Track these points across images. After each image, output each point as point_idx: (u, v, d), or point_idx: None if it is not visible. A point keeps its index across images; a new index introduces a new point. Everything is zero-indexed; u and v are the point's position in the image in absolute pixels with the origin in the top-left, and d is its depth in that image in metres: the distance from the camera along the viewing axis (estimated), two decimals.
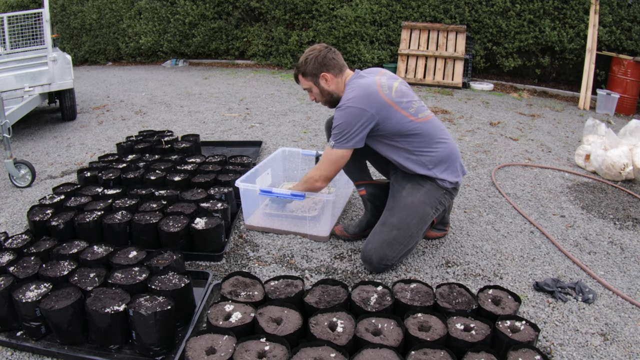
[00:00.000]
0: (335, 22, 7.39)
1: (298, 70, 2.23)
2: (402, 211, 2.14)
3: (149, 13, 8.39)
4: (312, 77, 2.19)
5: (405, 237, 2.13)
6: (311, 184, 2.26)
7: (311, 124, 4.59)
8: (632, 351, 1.74)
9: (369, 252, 2.13)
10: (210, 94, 6.03)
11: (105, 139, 4.21)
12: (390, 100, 2.08)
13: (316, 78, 2.19)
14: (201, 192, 2.69)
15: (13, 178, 3.18)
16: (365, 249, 2.15)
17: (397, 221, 2.13)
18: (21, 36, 4.61)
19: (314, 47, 2.21)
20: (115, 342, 1.66)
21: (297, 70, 2.24)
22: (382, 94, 2.08)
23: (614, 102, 5.79)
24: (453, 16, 6.84)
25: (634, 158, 3.39)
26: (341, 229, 2.49)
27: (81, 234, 2.27)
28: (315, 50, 2.18)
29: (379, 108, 2.06)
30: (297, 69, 2.24)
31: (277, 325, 1.63)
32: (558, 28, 6.44)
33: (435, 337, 1.57)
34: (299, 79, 2.26)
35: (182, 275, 1.86)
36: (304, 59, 2.20)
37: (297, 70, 2.24)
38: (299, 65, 2.22)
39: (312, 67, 2.17)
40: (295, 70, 2.25)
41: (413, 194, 2.16)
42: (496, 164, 3.69)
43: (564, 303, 2.00)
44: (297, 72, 2.25)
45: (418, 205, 2.15)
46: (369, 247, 2.14)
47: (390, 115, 2.08)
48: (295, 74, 2.27)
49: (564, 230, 2.68)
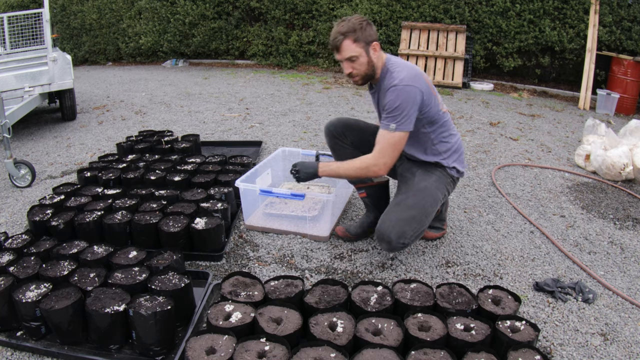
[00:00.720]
0: (336, 22, 7.38)
1: (347, 34, 1.98)
2: (417, 194, 2.13)
3: (149, 13, 8.39)
4: (365, 44, 2.01)
5: (421, 216, 2.10)
6: (372, 171, 2.08)
7: (311, 124, 4.59)
8: (632, 351, 1.74)
9: (386, 229, 2.03)
10: (210, 94, 6.03)
11: (105, 139, 4.21)
12: (430, 85, 2.10)
13: (368, 46, 2.02)
14: (201, 192, 2.69)
15: (13, 178, 3.18)
16: (382, 227, 2.05)
17: (412, 202, 2.11)
18: (21, 36, 4.61)
19: (355, 16, 2.04)
20: (115, 342, 1.67)
21: (346, 35, 1.98)
22: (425, 77, 2.08)
23: (614, 102, 5.79)
24: (453, 16, 6.84)
25: (634, 158, 3.39)
26: (343, 230, 2.46)
27: (81, 234, 2.27)
28: (363, 18, 2.02)
29: (426, 91, 2.05)
30: (347, 33, 1.98)
31: (277, 325, 1.63)
32: (558, 28, 6.44)
33: (435, 337, 1.57)
34: (346, 45, 2.00)
35: (182, 275, 1.86)
36: (358, 23, 1.99)
37: (345, 35, 1.99)
38: (349, 29, 1.98)
39: (367, 34, 2.00)
40: (341, 35, 1.99)
41: (425, 179, 2.18)
42: (496, 164, 3.69)
43: (564, 303, 2.00)
44: (343, 37, 1.99)
45: (431, 189, 2.16)
46: (386, 225, 2.04)
47: (431, 101, 2.08)
48: (340, 40, 2.00)
49: (564, 230, 2.68)
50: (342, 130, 2.40)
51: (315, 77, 7.12)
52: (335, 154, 2.47)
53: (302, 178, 2.19)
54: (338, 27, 2.02)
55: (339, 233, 2.47)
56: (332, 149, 2.48)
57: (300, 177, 2.19)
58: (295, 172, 2.21)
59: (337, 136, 2.41)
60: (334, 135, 2.42)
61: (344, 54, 2.04)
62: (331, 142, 2.45)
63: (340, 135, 2.41)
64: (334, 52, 2.09)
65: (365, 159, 2.09)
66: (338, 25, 2.04)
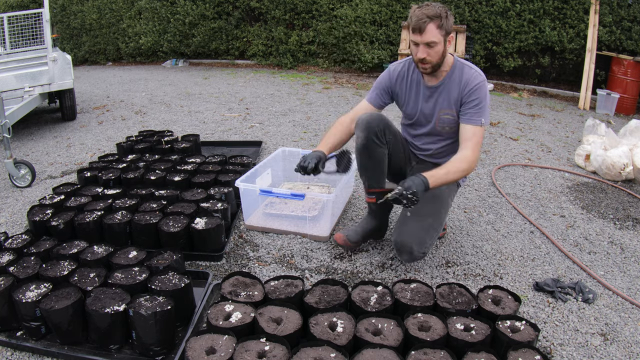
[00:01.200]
0: (335, 22, 7.39)
1: (434, 19, 1.94)
2: (432, 202, 2.12)
3: (149, 13, 8.39)
4: (445, 33, 1.99)
5: (438, 224, 2.13)
6: (471, 170, 2.04)
7: (311, 124, 4.59)
8: (632, 351, 1.74)
9: (407, 240, 2.03)
10: (210, 94, 6.03)
11: (105, 139, 4.21)
12: None
13: (447, 36, 2.01)
14: (201, 192, 2.69)
15: (13, 178, 3.18)
16: (402, 239, 2.04)
17: (429, 211, 2.11)
18: (21, 36, 4.61)
19: (437, 3, 2.01)
20: (115, 342, 1.66)
21: (433, 19, 1.94)
22: None
23: (614, 102, 5.79)
24: (453, 16, 6.84)
25: (634, 158, 3.39)
26: (343, 238, 2.31)
27: (81, 234, 2.27)
28: (445, 7, 2.00)
29: None
30: (433, 17, 1.94)
31: (277, 325, 1.63)
32: (558, 28, 6.44)
33: (435, 337, 1.57)
34: (430, 28, 1.94)
35: (182, 275, 1.86)
36: (444, 11, 1.97)
37: (431, 19, 1.94)
38: (436, 14, 1.94)
39: (450, 24, 1.99)
40: (427, 18, 1.93)
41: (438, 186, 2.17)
42: (496, 164, 3.69)
43: (564, 303, 2.00)
44: (430, 21, 1.93)
45: (443, 196, 2.18)
46: (406, 236, 2.03)
47: None
48: (426, 22, 1.94)
49: (564, 230, 2.68)
50: (383, 128, 2.14)
51: (315, 77, 7.12)
52: (366, 152, 2.14)
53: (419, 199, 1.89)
54: (423, 9, 1.96)
55: (339, 241, 2.33)
56: (365, 148, 2.12)
57: (418, 199, 1.88)
58: (412, 195, 1.86)
59: (378, 133, 2.12)
60: (375, 131, 2.10)
61: (425, 37, 1.97)
62: (367, 139, 2.11)
63: (381, 133, 2.13)
64: (411, 33, 2.01)
65: (465, 158, 2.01)
66: (422, 7, 1.97)
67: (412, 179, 1.91)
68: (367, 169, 2.18)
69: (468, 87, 2.06)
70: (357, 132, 2.15)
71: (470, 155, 2.02)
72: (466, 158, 2.01)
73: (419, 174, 1.93)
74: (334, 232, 2.30)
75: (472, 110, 2.05)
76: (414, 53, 2.06)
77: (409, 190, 1.86)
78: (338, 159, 2.18)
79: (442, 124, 2.18)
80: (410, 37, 2.04)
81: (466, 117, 2.08)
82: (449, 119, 2.15)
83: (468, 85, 2.07)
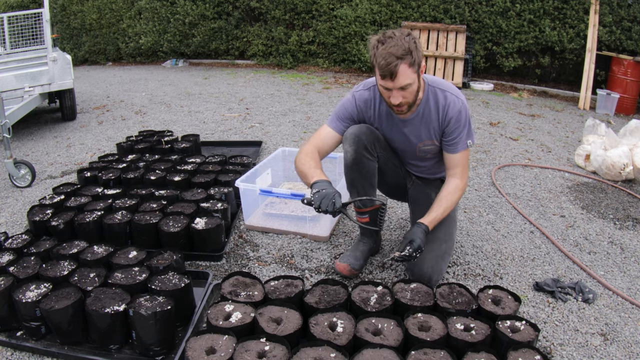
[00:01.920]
0: (335, 22, 7.38)
1: (404, 58, 1.68)
2: (444, 224, 2.04)
3: (149, 13, 8.39)
4: (417, 67, 1.75)
5: (451, 245, 2.11)
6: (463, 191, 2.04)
7: (311, 124, 4.59)
8: (632, 351, 1.74)
9: (425, 272, 1.96)
10: (210, 94, 6.03)
11: (105, 139, 4.21)
12: None
13: (419, 70, 1.77)
14: (201, 192, 2.69)
15: (13, 178, 3.18)
16: (423, 271, 1.96)
17: (442, 235, 2.04)
18: (21, 36, 4.61)
19: (399, 30, 1.75)
20: (115, 342, 1.66)
21: (403, 59, 1.68)
22: None
23: (614, 102, 5.79)
24: (453, 16, 6.84)
25: (634, 158, 3.39)
26: (349, 268, 2.11)
27: (81, 234, 2.27)
28: (410, 34, 1.75)
29: None
30: (403, 57, 1.68)
31: (277, 325, 1.63)
32: (558, 28, 6.43)
33: (435, 337, 1.57)
34: (402, 71, 1.70)
35: (182, 275, 1.86)
36: (413, 42, 1.70)
37: (402, 59, 1.68)
38: (405, 51, 1.68)
39: (420, 54, 1.74)
40: (397, 59, 1.68)
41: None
42: (496, 164, 3.69)
43: (564, 303, 2.00)
44: (400, 62, 1.68)
45: (453, 215, 2.14)
46: (425, 267, 1.96)
47: None
48: (397, 65, 1.68)
49: (564, 230, 2.68)
50: (373, 140, 2.00)
51: (315, 77, 7.12)
52: (356, 168, 2.02)
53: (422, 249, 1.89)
54: (388, 47, 1.69)
55: (345, 272, 2.11)
56: (355, 163, 2.00)
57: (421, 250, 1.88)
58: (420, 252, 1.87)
59: (368, 146, 1.98)
60: (364, 145, 1.97)
61: (398, 82, 1.73)
62: (357, 153, 1.98)
63: (371, 146, 1.99)
64: (380, 78, 1.77)
65: (457, 188, 1.98)
66: (386, 44, 1.70)
67: (417, 234, 1.87)
68: (358, 185, 2.06)
69: (448, 116, 1.92)
70: (345, 147, 2.02)
71: (460, 182, 2.00)
72: (457, 187, 2.00)
73: (419, 224, 1.91)
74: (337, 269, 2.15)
75: (457, 139, 1.94)
76: (385, 97, 1.84)
77: (419, 250, 1.85)
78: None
79: (424, 153, 2.08)
80: (380, 82, 1.79)
81: (452, 147, 1.97)
82: (431, 148, 2.05)
83: (448, 114, 1.92)
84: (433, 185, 2.22)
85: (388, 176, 2.16)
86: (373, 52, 1.75)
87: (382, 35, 1.75)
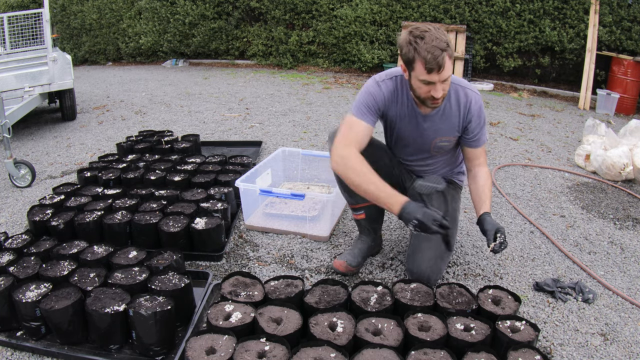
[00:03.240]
0: (335, 22, 7.39)
1: (447, 50, 1.68)
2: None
3: (149, 13, 8.39)
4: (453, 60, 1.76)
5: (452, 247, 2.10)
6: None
7: (311, 124, 4.59)
8: (632, 351, 1.74)
9: (425, 271, 1.97)
10: (210, 94, 6.03)
11: (105, 139, 4.21)
12: None
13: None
14: (201, 192, 2.69)
15: (13, 178, 3.18)
16: (420, 270, 1.97)
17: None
18: (21, 36, 4.61)
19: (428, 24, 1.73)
20: (115, 342, 1.66)
21: (447, 50, 1.68)
22: None
23: (614, 102, 5.79)
24: (453, 16, 6.84)
25: (634, 158, 3.39)
26: (345, 265, 2.14)
27: (81, 234, 2.27)
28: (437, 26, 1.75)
29: None
30: (447, 49, 1.67)
31: (277, 325, 1.63)
32: (558, 28, 6.44)
33: (435, 337, 1.57)
34: (447, 63, 1.69)
35: (182, 275, 1.86)
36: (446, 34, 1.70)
37: (445, 51, 1.67)
38: (446, 43, 1.67)
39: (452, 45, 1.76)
40: (443, 52, 1.67)
41: (445, 202, 2.13)
42: (496, 164, 3.69)
43: (564, 303, 2.00)
44: (444, 54, 1.67)
45: (454, 213, 2.15)
46: (424, 267, 1.97)
47: None
48: (443, 58, 1.67)
49: (564, 230, 2.68)
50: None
51: (315, 77, 7.12)
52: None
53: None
54: (433, 41, 1.66)
55: (341, 269, 2.14)
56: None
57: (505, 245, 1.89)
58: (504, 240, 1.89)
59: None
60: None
61: (444, 74, 1.71)
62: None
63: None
64: (425, 72, 1.71)
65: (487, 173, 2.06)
66: (429, 39, 1.67)
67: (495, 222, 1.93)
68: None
69: (470, 113, 1.94)
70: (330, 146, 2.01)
71: (487, 169, 2.09)
72: (488, 173, 2.07)
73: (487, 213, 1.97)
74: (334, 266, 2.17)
75: (480, 134, 2.00)
76: (423, 92, 1.78)
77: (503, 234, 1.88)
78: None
79: (438, 150, 2.08)
80: (424, 76, 1.72)
81: (475, 142, 2.02)
82: (446, 145, 2.05)
83: (470, 111, 1.94)
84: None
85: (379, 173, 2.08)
86: (411, 47, 1.69)
87: (416, 30, 1.71)
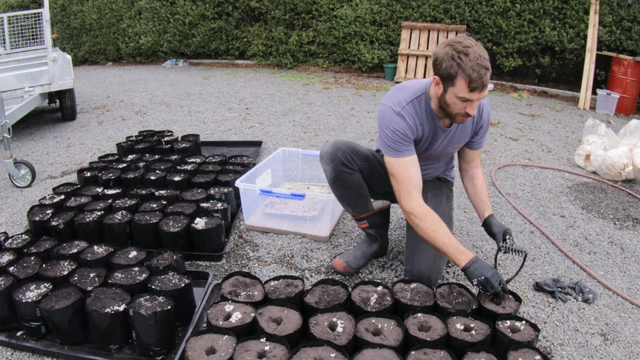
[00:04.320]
0: (335, 22, 7.39)
1: (490, 69, 1.66)
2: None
3: (149, 13, 8.39)
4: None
5: None
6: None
7: (311, 124, 4.59)
8: (632, 351, 1.74)
9: (424, 272, 1.97)
10: (210, 94, 6.03)
11: (105, 139, 4.21)
12: None
13: None
14: (201, 192, 2.69)
15: (13, 178, 3.18)
16: (419, 270, 1.98)
17: None
18: (21, 36, 4.61)
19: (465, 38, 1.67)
20: (115, 342, 1.66)
21: (489, 70, 1.65)
22: None
23: (614, 102, 5.79)
24: (453, 16, 6.84)
25: (634, 158, 3.39)
26: (344, 265, 2.15)
27: (81, 234, 2.27)
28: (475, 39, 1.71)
29: None
30: (489, 68, 1.65)
31: (277, 325, 1.63)
32: (558, 28, 6.44)
33: (435, 337, 1.57)
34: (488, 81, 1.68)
35: (182, 275, 1.86)
36: (487, 54, 1.65)
37: (489, 70, 1.65)
38: (489, 61, 1.64)
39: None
40: (487, 70, 1.64)
41: (440, 202, 2.13)
42: (496, 164, 3.69)
43: (564, 303, 2.00)
44: (488, 72, 1.65)
45: (448, 211, 2.16)
46: (424, 267, 1.97)
47: None
48: (487, 76, 1.64)
49: (564, 230, 2.68)
50: (350, 154, 2.00)
51: (315, 77, 7.12)
52: (340, 184, 2.04)
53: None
54: (477, 59, 1.61)
55: (339, 268, 2.16)
56: (337, 180, 2.03)
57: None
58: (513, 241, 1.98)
59: (345, 162, 1.99)
60: (341, 161, 1.98)
61: (485, 92, 1.68)
62: (335, 171, 2.01)
63: (348, 160, 1.99)
64: (468, 91, 1.65)
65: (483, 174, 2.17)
66: (473, 56, 1.61)
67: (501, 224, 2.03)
68: (347, 198, 2.09)
69: (482, 119, 1.99)
70: (323, 166, 2.04)
71: (482, 170, 2.20)
72: (483, 174, 2.19)
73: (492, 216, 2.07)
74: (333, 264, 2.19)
75: (484, 137, 2.08)
76: (457, 108, 1.73)
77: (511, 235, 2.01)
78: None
79: (446, 155, 2.14)
80: (463, 93, 1.66)
81: (477, 144, 2.09)
82: (453, 150, 2.11)
83: (482, 117, 1.99)
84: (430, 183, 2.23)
85: (375, 185, 2.13)
86: (454, 62, 1.63)
87: (458, 45, 1.64)
